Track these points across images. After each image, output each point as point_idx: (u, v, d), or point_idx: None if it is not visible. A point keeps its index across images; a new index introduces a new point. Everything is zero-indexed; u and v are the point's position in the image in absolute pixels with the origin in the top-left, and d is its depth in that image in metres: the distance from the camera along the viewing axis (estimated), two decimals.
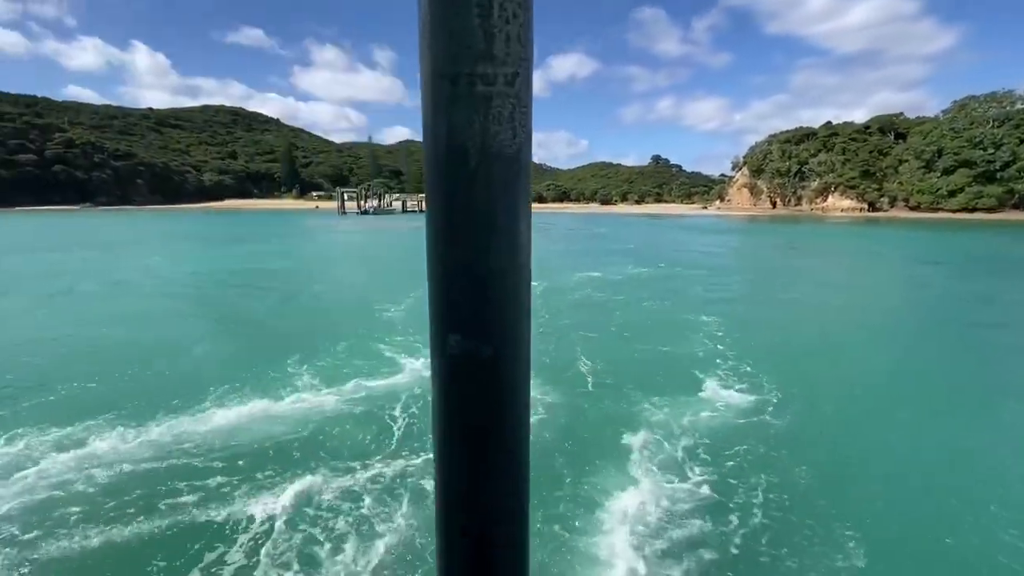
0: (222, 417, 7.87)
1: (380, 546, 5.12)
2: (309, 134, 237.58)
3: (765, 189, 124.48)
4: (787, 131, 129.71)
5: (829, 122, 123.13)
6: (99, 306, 16.25)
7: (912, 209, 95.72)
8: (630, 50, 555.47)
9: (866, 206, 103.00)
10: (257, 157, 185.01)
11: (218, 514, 5.58)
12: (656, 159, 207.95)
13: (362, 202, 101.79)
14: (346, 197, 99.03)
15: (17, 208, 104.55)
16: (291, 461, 6.69)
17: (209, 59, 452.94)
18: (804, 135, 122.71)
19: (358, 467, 6.57)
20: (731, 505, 5.84)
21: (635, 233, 55.90)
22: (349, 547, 5.11)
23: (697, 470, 6.57)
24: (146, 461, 6.63)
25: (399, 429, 7.64)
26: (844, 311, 17.22)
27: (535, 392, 9.07)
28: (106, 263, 26.71)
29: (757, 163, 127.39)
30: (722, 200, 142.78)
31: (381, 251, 37.26)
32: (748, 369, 10.33)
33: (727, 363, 10.75)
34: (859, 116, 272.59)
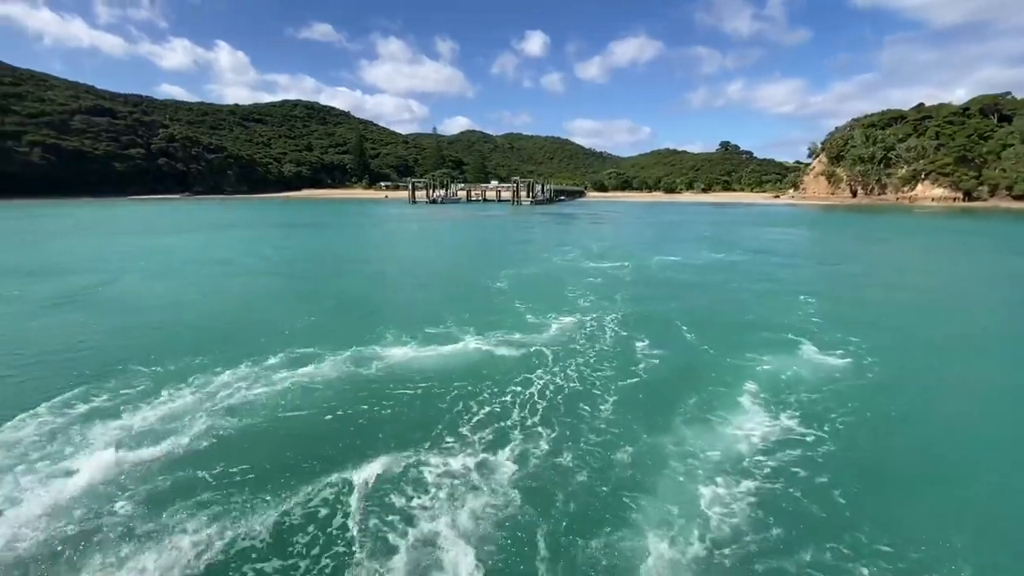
0: (400, 354, 10.32)
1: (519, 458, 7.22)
2: (377, 126, 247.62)
3: (845, 177, 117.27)
4: (872, 114, 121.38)
5: (921, 104, 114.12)
6: (252, 279, 19.67)
7: (1016, 199, 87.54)
8: (697, 30, 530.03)
9: (961, 195, 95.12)
10: (330, 149, 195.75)
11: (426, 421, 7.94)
12: (725, 145, 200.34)
13: (430, 192, 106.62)
14: (416, 187, 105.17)
15: (130, 197, 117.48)
16: (476, 381, 8.96)
17: (283, 56, 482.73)
18: (892, 118, 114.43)
19: (533, 379, 8.78)
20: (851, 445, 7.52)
21: (705, 221, 55.70)
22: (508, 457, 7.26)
23: (796, 414, 8.24)
24: (358, 378, 9.14)
25: (551, 369, 9.74)
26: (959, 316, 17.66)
27: (649, 349, 10.92)
28: (240, 243, 30.99)
29: (837, 149, 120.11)
30: (796, 188, 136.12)
31: (461, 237, 40.01)
32: (843, 340, 11.65)
33: (819, 337, 12.07)
34: (959, 96, 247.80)
